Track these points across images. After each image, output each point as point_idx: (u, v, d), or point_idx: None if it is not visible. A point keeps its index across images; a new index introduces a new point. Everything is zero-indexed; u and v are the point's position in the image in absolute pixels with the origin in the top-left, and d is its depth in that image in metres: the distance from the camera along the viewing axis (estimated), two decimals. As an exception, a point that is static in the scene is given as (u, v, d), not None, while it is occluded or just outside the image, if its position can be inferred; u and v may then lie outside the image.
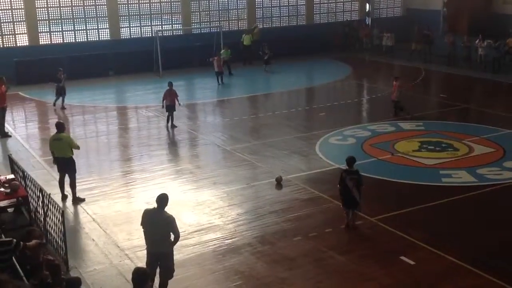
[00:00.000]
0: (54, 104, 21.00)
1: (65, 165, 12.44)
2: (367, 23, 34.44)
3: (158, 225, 8.27)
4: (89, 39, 28.06)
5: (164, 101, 18.22)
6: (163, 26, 29.86)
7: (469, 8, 30.45)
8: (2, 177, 11.43)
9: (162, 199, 8.33)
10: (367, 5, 34.89)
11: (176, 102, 18.32)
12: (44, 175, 13.84)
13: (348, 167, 11.06)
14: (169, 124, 18.21)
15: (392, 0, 35.99)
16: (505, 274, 9.21)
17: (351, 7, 34.83)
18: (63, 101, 20.98)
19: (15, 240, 6.87)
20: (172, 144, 16.88)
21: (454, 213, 11.73)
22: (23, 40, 26.85)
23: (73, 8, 27.69)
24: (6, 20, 26.36)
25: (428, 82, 25.89)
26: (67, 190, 12.59)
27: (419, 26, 30.53)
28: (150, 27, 29.30)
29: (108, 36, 28.47)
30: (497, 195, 12.59)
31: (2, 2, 26.08)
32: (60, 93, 20.83)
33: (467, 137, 16.42)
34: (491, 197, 12.50)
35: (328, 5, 34.10)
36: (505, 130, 17.14)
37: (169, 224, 8.24)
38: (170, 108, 18.17)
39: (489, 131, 17.02)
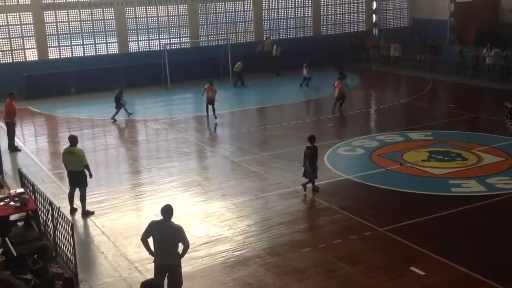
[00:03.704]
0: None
1: (76, 178, 12.51)
2: (374, 34, 34.51)
3: (167, 236, 8.28)
4: (97, 53, 28.31)
5: None
6: (171, 40, 30.08)
7: (476, 18, 30.44)
8: (12, 191, 11.53)
9: (168, 210, 8.33)
10: (374, 16, 34.97)
11: None
12: (53, 189, 13.91)
13: (310, 144, 13.47)
14: None
15: (398, 11, 36.07)
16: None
17: (357, 18, 34.95)
18: (115, 114, 21.32)
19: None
20: (181, 157, 16.93)
21: (464, 223, 11.67)
22: (32, 55, 27.13)
23: (82, 22, 27.98)
24: (16, 35, 26.67)
25: (436, 92, 25.86)
26: (77, 203, 12.65)
27: (420, 37, 30.62)
28: (158, 40, 29.55)
29: (117, 49, 28.71)
30: (507, 204, 12.50)
31: (12, 17, 26.40)
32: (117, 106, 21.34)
33: (476, 146, 16.35)
34: (501, 206, 12.42)
35: (335, 17, 34.25)
36: (515, 139, 17.07)
37: (179, 233, 8.25)
38: None
39: (498, 140, 16.96)
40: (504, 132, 17.73)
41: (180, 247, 8.38)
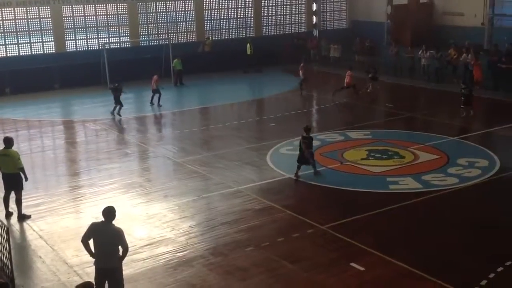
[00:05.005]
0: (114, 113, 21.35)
1: (11, 181, 12.10)
2: (315, 35, 35.02)
3: (107, 239, 8.12)
4: (33, 52, 27.45)
5: None
6: (110, 39, 29.52)
7: (411, 20, 31.40)
8: None
9: (110, 212, 8.19)
10: (314, 17, 35.50)
11: None
12: (-13, 192, 13.37)
13: (305, 134, 14.19)
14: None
15: (338, 13, 36.75)
16: (453, 278, 9.46)
17: (298, 19, 35.36)
18: (119, 109, 21.39)
19: None
20: (122, 158, 16.63)
21: (402, 219, 12.03)
22: (-37, 54, 26.03)
23: (16, 21, 27.04)
24: None
25: (375, 92, 26.45)
26: (12, 207, 12.23)
27: (360, 38, 31.34)
28: (97, 39, 28.93)
29: (53, 49, 27.92)
30: (442, 200, 12.96)
31: None
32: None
33: (412, 144, 16.87)
34: (437, 202, 12.86)
35: (276, 18, 34.54)
36: (449, 138, 17.73)
37: (118, 236, 8.11)
38: None
39: (433, 138, 17.56)
40: (438, 131, 18.40)
41: (121, 249, 8.24)
